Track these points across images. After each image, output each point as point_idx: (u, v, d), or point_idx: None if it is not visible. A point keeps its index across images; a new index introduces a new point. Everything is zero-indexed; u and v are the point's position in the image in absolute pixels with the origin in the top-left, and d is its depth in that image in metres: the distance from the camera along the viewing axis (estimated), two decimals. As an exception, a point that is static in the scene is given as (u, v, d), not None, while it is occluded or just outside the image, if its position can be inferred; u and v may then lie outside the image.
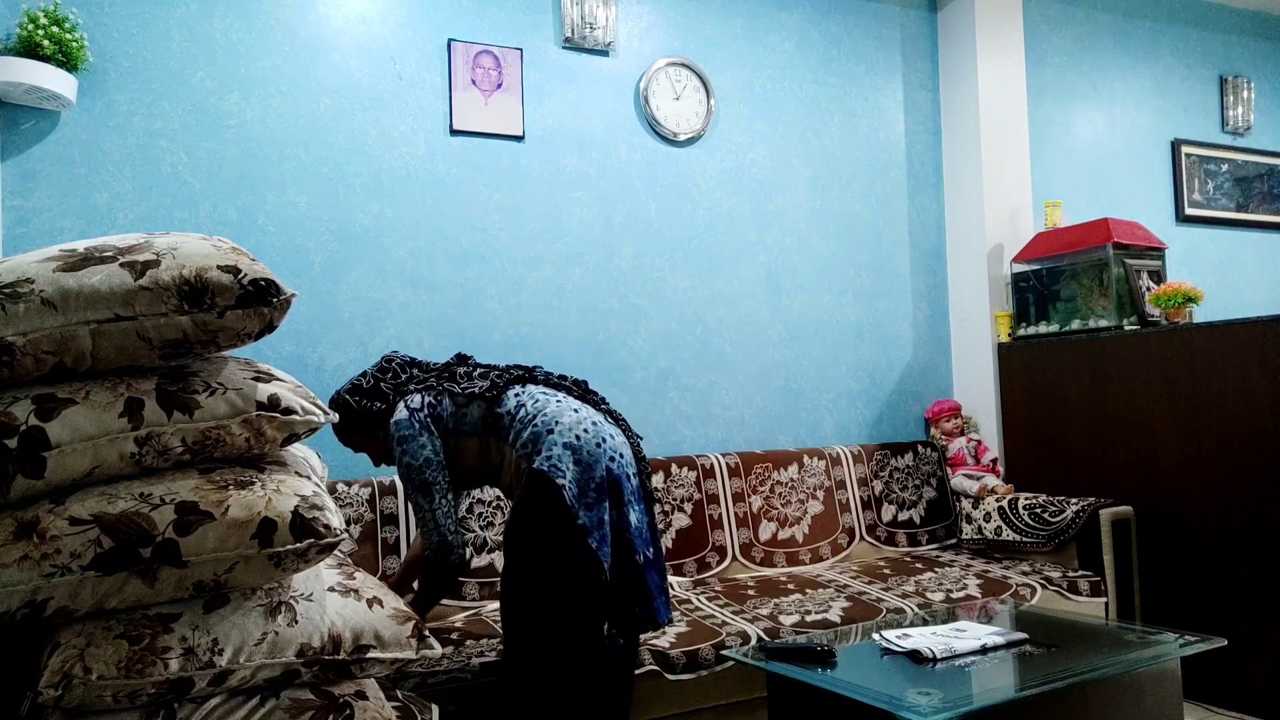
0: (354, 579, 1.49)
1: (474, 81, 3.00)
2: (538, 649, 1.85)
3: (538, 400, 2.00)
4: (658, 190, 3.30)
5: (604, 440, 1.94)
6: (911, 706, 1.57)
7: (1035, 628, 2.10)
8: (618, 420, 2.09)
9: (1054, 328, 3.51)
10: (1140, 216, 4.20)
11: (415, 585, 2.21)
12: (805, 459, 3.29)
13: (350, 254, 2.84)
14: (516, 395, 2.04)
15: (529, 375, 2.11)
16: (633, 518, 1.92)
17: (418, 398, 2.05)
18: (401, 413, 2.02)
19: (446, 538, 2.02)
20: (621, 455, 1.96)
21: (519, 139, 3.07)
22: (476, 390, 2.03)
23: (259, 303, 1.29)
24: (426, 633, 1.44)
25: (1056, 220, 3.63)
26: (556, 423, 1.93)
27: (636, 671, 2.12)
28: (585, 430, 1.93)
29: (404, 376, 2.13)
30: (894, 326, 3.74)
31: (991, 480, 3.40)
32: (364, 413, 2.11)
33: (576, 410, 1.98)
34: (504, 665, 1.92)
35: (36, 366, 1.22)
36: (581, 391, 2.11)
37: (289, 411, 1.35)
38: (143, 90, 2.62)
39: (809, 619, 2.44)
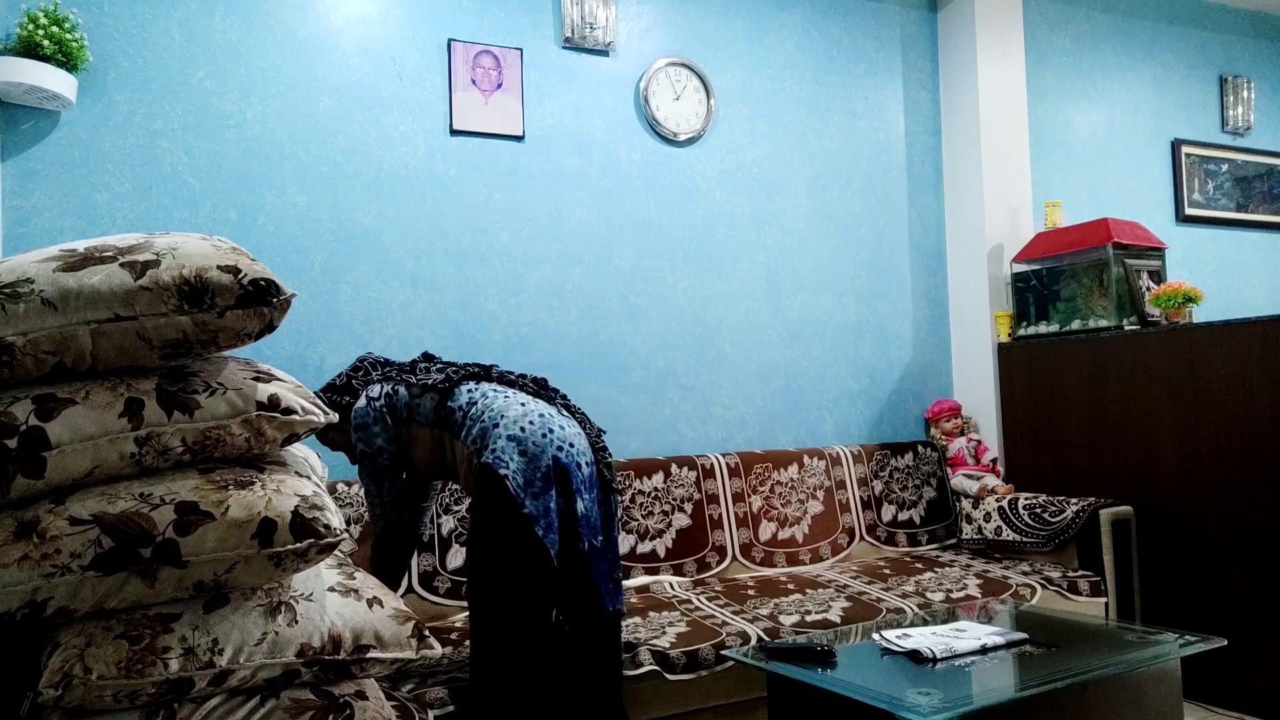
0: (354, 579, 1.49)
1: (474, 81, 3.00)
2: (493, 637, 1.90)
3: (487, 397, 2.04)
4: (658, 190, 3.30)
5: (551, 430, 1.96)
6: (911, 706, 1.57)
7: (1035, 628, 2.10)
8: (574, 413, 2.11)
9: (1054, 328, 3.51)
10: (1140, 216, 4.20)
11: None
12: (805, 459, 3.29)
13: (350, 254, 2.84)
14: (469, 391, 2.07)
15: (484, 373, 2.15)
16: (580, 506, 1.94)
17: (377, 388, 2.14)
18: (361, 401, 2.12)
19: (390, 522, 2.16)
20: (572, 445, 1.98)
21: (519, 139, 3.07)
22: (430, 382, 2.09)
23: (259, 303, 1.29)
24: (426, 633, 1.44)
25: (1056, 220, 3.63)
26: (502, 416, 1.96)
27: (637, 672, 2.12)
28: (530, 422, 1.95)
29: (374, 374, 2.20)
30: (894, 326, 3.74)
31: (991, 480, 3.40)
32: (334, 407, 2.16)
33: (524, 404, 2.01)
34: (470, 657, 1.95)
35: (36, 366, 1.22)
36: (536, 388, 2.14)
37: (289, 411, 1.35)
38: (143, 90, 2.62)
39: (809, 619, 2.44)
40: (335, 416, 1.47)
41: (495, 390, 2.07)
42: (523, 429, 1.94)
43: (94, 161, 2.56)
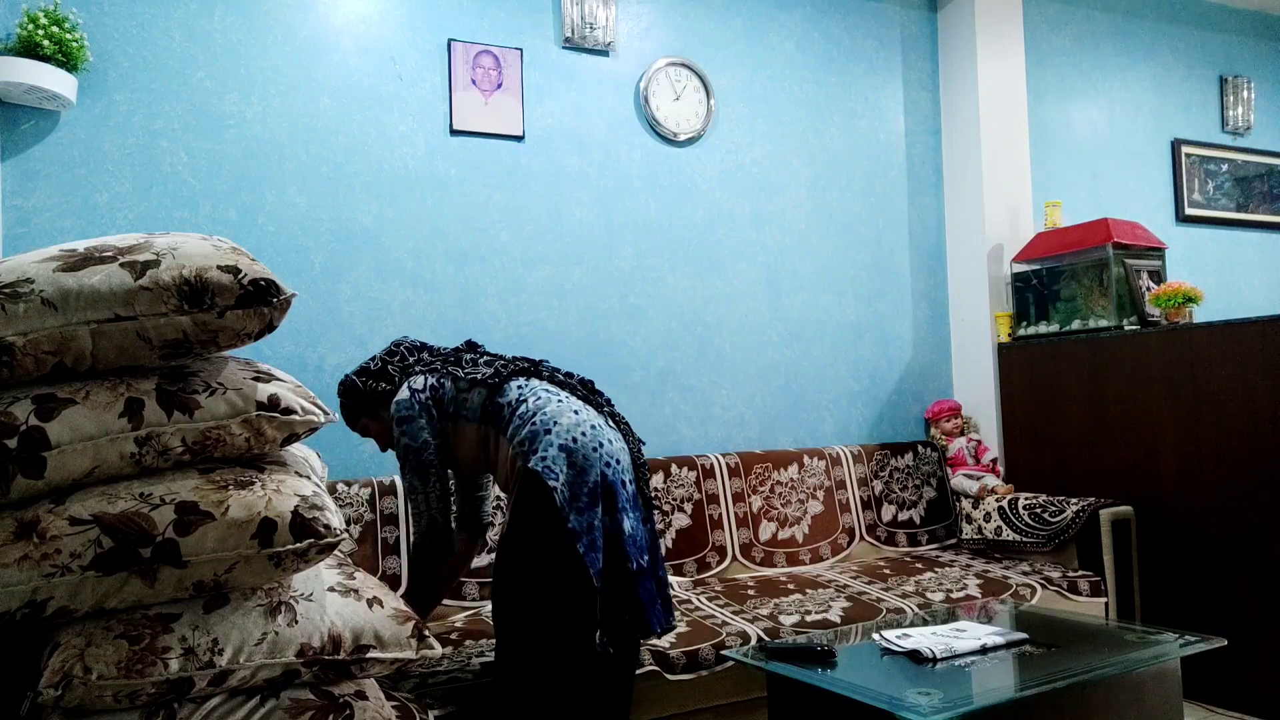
0: (354, 579, 1.49)
1: (474, 81, 3.00)
2: (529, 653, 1.84)
3: (540, 397, 1.96)
4: (658, 190, 3.30)
5: (601, 444, 1.90)
6: (911, 706, 1.57)
7: (1035, 628, 2.10)
8: (619, 424, 2.05)
9: (1054, 328, 3.51)
10: (1140, 216, 4.20)
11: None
12: (805, 459, 3.29)
13: (350, 254, 2.84)
14: (519, 388, 2.00)
15: (534, 369, 2.07)
16: (626, 524, 1.88)
17: (421, 379, 2.04)
18: (404, 393, 2.02)
19: (436, 520, 2.03)
20: (618, 461, 1.92)
21: (519, 139, 3.07)
22: (479, 377, 2.01)
23: (259, 303, 1.29)
24: (426, 633, 1.44)
25: (1056, 220, 3.63)
26: (555, 423, 1.89)
27: (637, 672, 2.11)
28: (583, 433, 1.89)
29: (411, 360, 2.12)
30: (894, 326, 3.74)
31: (991, 480, 3.40)
32: (370, 394, 2.10)
33: (577, 412, 1.94)
34: (497, 668, 1.91)
35: (36, 366, 1.22)
36: (586, 392, 2.07)
37: (289, 411, 1.35)
38: (143, 90, 2.62)
39: (809, 619, 2.44)
40: (336, 416, 1.47)
41: (547, 391, 1.99)
42: (575, 439, 1.87)
43: (94, 161, 2.56)
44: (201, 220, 2.66)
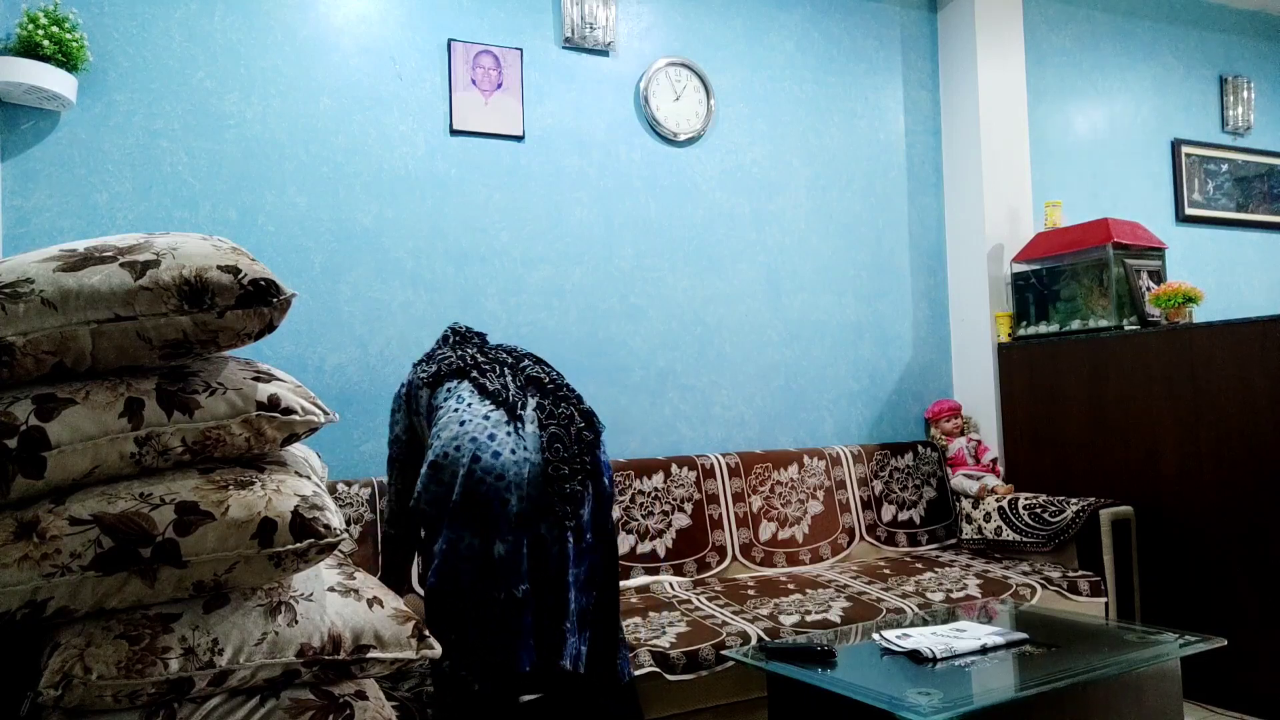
0: (354, 579, 1.49)
1: (474, 81, 3.00)
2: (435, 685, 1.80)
3: (449, 403, 1.88)
4: (658, 190, 3.30)
5: (481, 457, 1.74)
6: (911, 706, 1.57)
7: (1035, 628, 2.10)
8: (548, 424, 1.86)
9: (1054, 328, 3.51)
10: (1140, 216, 4.20)
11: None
12: (805, 459, 3.29)
13: (350, 254, 2.84)
14: (446, 391, 1.92)
15: (472, 367, 1.97)
16: (498, 548, 1.72)
17: (411, 372, 2.05)
18: (399, 386, 2.09)
19: (394, 510, 2.09)
20: (499, 477, 1.74)
21: (519, 139, 3.07)
22: (422, 377, 1.98)
23: (259, 303, 1.29)
24: (426, 633, 1.44)
25: (1056, 220, 3.63)
26: (438, 436, 1.79)
27: (638, 672, 2.11)
28: (458, 446, 1.77)
29: (442, 348, 2.10)
30: (894, 326, 3.74)
31: (991, 480, 3.40)
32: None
33: (463, 423, 1.80)
34: None
35: (36, 366, 1.22)
36: (517, 386, 1.93)
37: (289, 411, 1.35)
38: (143, 90, 2.62)
39: (809, 619, 2.44)
40: (336, 417, 1.46)
41: (462, 398, 1.88)
42: (445, 454, 1.76)
43: (94, 161, 2.56)
44: (201, 220, 2.66)
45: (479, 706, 1.73)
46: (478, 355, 2.02)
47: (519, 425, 1.84)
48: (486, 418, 1.82)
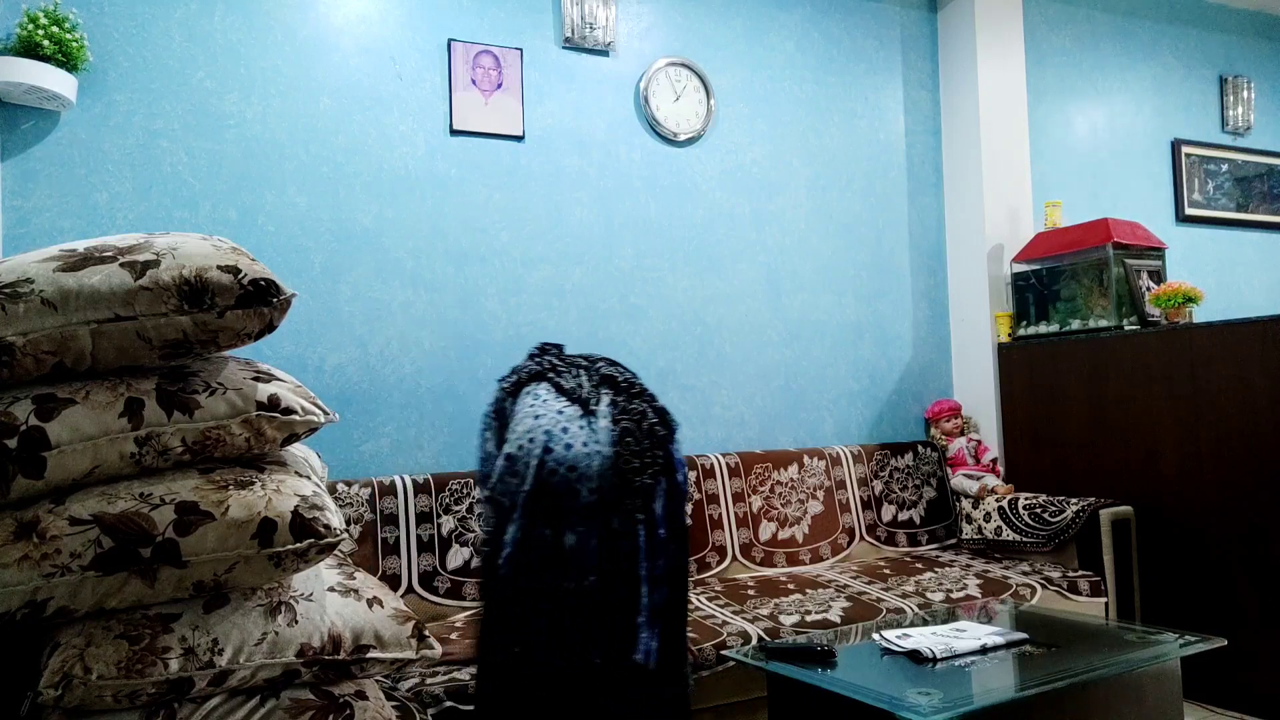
0: (354, 579, 1.49)
1: (474, 81, 3.00)
2: (477, 665, 1.82)
3: (522, 405, 1.92)
4: (658, 190, 3.30)
5: (552, 449, 1.79)
6: (911, 706, 1.57)
7: (1035, 628, 2.10)
8: (621, 419, 1.89)
9: (1054, 328, 3.51)
10: (1140, 216, 4.20)
11: None
12: (805, 459, 3.29)
13: (350, 254, 2.84)
14: (525, 395, 1.96)
15: (549, 370, 2.01)
16: (569, 539, 1.74)
17: (498, 390, 2.04)
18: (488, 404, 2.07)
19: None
20: (571, 468, 1.77)
21: (519, 139, 3.07)
22: (505, 386, 2.01)
23: (259, 303, 1.29)
24: (426, 633, 1.44)
25: (1056, 220, 3.63)
26: (513, 433, 1.85)
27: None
28: (530, 438, 1.81)
29: (528, 364, 2.10)
30: (894, 326, 3.74)
31: (991, 480, 3.40)
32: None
33: (538, 417, 1.85)
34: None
35: (36, 366, 1.22)
36: (592, 385, 1.96)
37: (289, 411, 1.35)
38: (143, 90, 2.62)
39: (809, 619, 2.44)
40: (336, 417, 1.47)
41: (538, 395, 1.93)
42: (520, 446, 1.80)
43: (94, 161, 2.56)
44: (201, 220, 2.66)
45: (539, 696, 1.74)
46: (555, 360, 2.06)
47: (592, 420, 1.87)
48: (560, 412, 1.86)
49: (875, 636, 2.01)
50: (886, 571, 2.97)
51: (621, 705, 1.75)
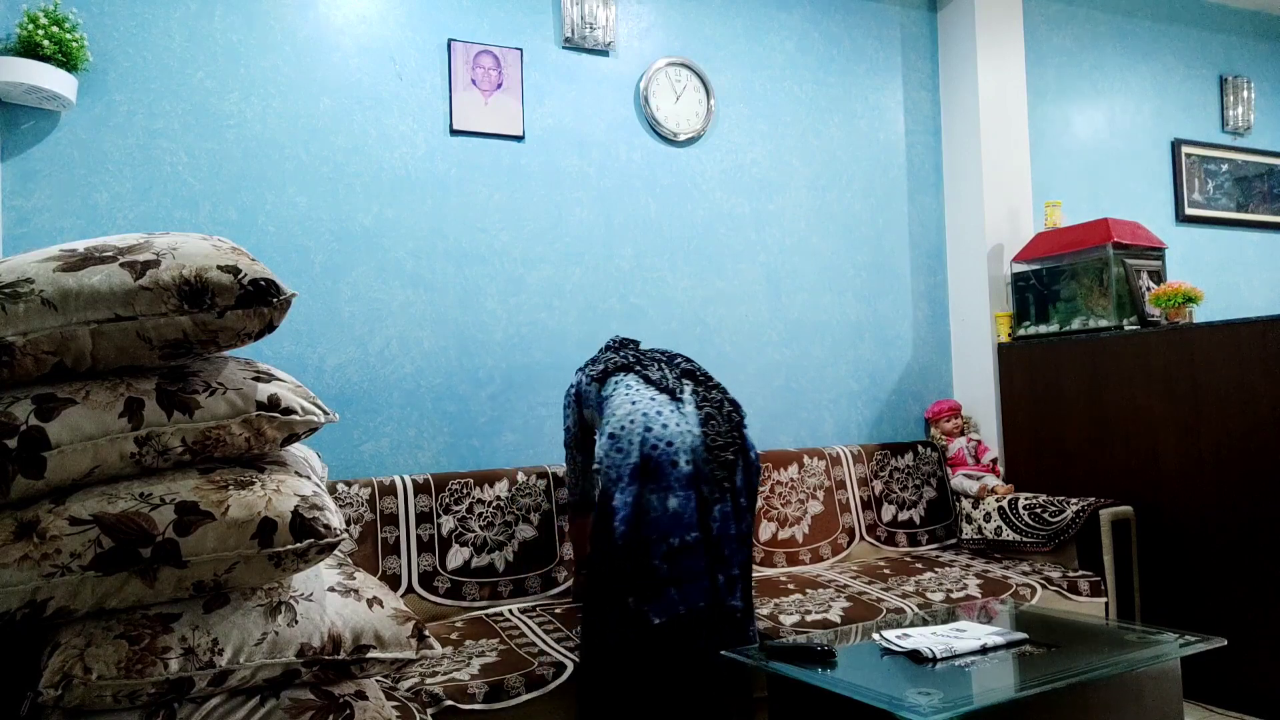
0: (354, 579, 1.49)
1: (474, 81, 3.00)
2: (587, 616, 2.11)
3: (619, 393, 2.25)
4: (658, 190, 3.30)
5: (650, 429, 2.11)
6: (911, 706, 1.57)
7: (1035, 628, 2.10)
8: (704, 405, 2.21)
9: (1054, 328, 3.51)
10: (1140, 216, 4.20)
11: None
12: (805, 459, 3.29)
13: (350, 254, 2.84)
14: (614, 383, 2.31)
15: (636, 363, 2.35)
16: (671, 502, 2.05)
17: (577, 375, 2.48)
18: (569, 385, 2.54)
19: (574, 487, 2.59)
20: (669, 444, 2.09)
21: (519, 139, 3.07)
22: (592, 374, 2.38)
23: (259, 303, 1.29)
24: (426, 633, 1.44)
25: (1056, 220, 3.63)
26: (613, 415, 2.18)
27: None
28: (632, 420, 2.13)
29: (605, 353, 2.51)
30: (894, 326, 3.74)
31: (991, 480, 3.40)
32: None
33: (634, 403, 2.18)
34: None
35: (36, 366, 1.22)
36: (675, 377, 2.30)
37: (289, 411, 1.35)
38: (143, 90, 2.62)
39: (809, 619, 2.44)
40: (336, 417, 1.47)
41: (630, 385, 2.27)
42: (622, 426, 2.13)
43: (94, 161, 2.56)
44: (201, 220, 2.66)
45: (650, 641, 2.02)
46: (636, 354, 2.41)
47: (680, 405, 2.21)
48: (653, 399, 2.20)
49: (875, 636, 2.01)
50: (886, 571, 2.97)
51: (718, 644, 2.03)
